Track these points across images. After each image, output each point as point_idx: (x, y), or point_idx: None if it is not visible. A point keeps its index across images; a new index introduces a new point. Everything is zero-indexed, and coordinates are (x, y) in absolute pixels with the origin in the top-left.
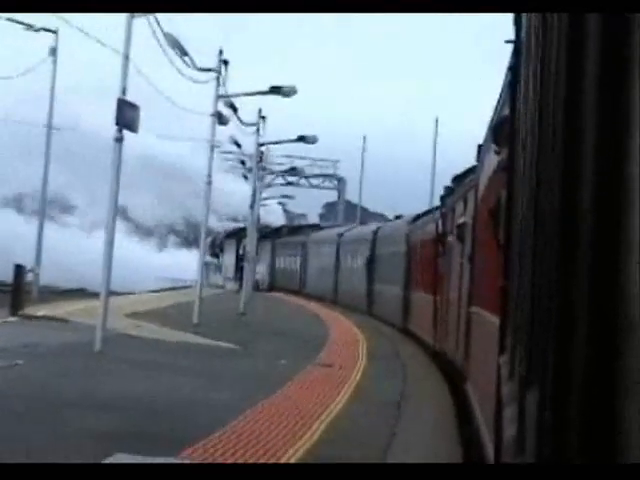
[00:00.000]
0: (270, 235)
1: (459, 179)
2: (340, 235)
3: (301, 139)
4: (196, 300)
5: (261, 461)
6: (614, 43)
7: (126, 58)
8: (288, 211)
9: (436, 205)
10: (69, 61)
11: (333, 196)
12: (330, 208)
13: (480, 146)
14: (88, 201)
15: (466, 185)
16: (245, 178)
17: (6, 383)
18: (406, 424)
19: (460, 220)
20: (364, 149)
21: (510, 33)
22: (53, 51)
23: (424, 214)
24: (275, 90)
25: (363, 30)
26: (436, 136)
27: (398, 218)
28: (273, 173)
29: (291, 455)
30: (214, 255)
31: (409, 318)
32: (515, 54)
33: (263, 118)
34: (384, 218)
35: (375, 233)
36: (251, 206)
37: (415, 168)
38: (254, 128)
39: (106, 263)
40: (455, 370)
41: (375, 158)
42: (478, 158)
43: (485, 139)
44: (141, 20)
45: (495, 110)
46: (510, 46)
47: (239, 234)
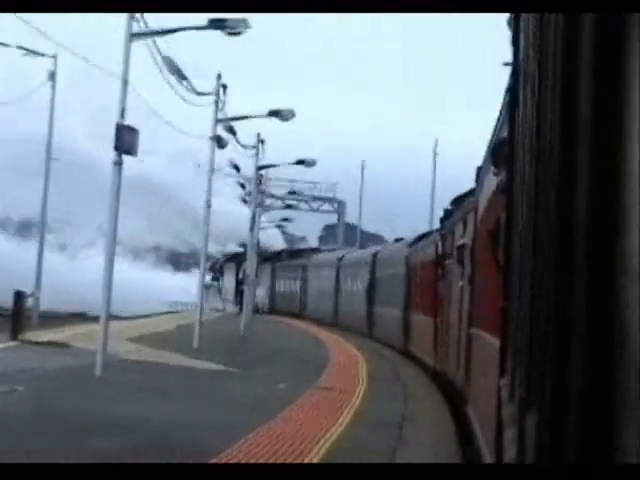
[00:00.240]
0: (270, 258)
1: (458, 201)
2: (340, 258)
3: (300, 162)
4: (196, 324)
5: None
6: (609, 59)
7: (125, 82)
8: (287, 233)
9: (436, 227)
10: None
11: (333, 218)
12: (330, 230)
13: (479, 168)
14: (66, 222)
15: (465, 207)
16: (244, 202)
17: (6, 408)
18: (407, 445)
19: (460, 242)
20: (363, 175)
21: (508, 55)
22: (52, 76)
23: (423, 236)
24: (274, 114)
25: (362, 47)
26: (435, 156)
27: (398, 241)
28: (273, 196)
29: None
30: (214, 279)
31: (409, 340)
32: (513, 76)
33: (262, 142)
34: (382, 240)
35: (375, 255)
36: (250, 229)
37: (414, 187)
38: (253, 151)
39: (106, 286)
40: (455, 391)
41: (374, 178)
42: (477, 180)
43: (484, 161)
44: (139, 43)
45: (494, 132)
46: (508, 68)
47: (239, 257)
